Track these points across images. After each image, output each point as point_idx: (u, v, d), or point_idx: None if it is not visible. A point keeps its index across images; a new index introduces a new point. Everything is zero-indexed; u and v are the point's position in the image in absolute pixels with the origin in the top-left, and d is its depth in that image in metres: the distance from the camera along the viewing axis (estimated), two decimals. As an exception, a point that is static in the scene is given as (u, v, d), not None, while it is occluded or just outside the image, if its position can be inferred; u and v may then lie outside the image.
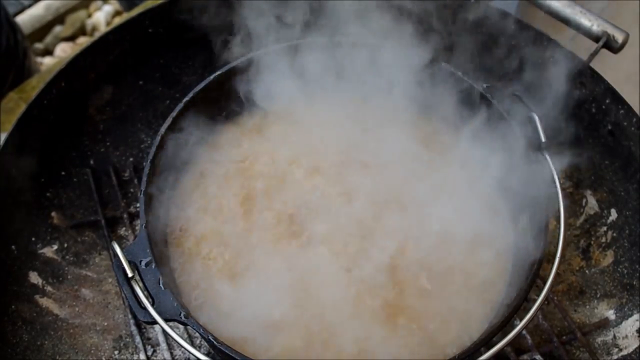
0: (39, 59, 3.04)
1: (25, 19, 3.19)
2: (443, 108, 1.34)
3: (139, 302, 1.00)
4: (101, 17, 3.37)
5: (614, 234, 1.40)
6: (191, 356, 1.29)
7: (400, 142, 1.33)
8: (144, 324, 1.34)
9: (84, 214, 1.50)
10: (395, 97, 1.37)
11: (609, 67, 1.42)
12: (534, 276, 1.07)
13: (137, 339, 1.33)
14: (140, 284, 1.02)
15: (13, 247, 1.38)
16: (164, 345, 1.32)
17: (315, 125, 1.38)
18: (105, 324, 1.37)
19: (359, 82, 1.39)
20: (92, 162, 1.57)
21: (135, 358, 1.32)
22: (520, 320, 1.02)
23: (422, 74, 1.30)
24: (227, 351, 0.97)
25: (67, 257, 1.44)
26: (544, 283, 1.05)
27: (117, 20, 3.29)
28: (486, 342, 1.02)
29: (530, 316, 1.02)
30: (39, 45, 3.22)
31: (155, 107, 1.65)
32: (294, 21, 1.36)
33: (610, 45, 1.35)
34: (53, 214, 1.47)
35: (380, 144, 1.34)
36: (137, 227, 1.50)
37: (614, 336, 1.32)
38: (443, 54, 1.30)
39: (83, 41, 3.24)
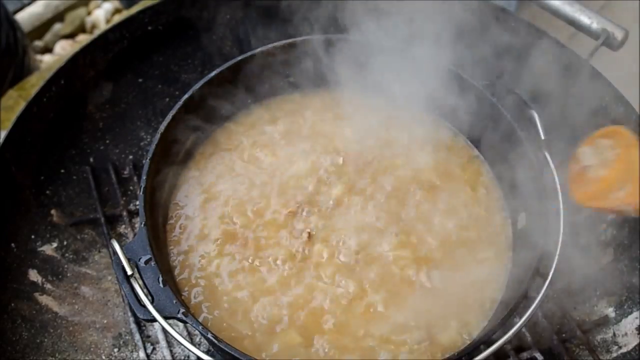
0: (38, 57, 3.03)
1: (25, 17, 3.18)
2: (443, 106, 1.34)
3: (139, 300, 1.00)
4: (101, 15, 3.36)
5: (614, 232, 1.40)
6: (191, 354, 1.29)
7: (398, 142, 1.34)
8: (143, 321, 1.34)
9: (84, 212, 1.50)
10: (392, 96, 1.38)
11: (608, 65, 1.42)
12: (533, 274, 1.07)
13: (137, 336, 1.33)
14: (140, 282, 1.02)
15: (13, 244, 1.38)
16: (163, 343, 1.32)
17: (319, 120, 1.39)
18: (105, 321, 1.37)
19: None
20: (91, 159, 1.57)
21: (134, 356, 1.32)
22: (520, 317, 1.02)
23: (422, 74, 1.30)
24: (226, 349, 0.97)
25: (67, 254, 1.44)
26: (544, 281, 1.05)
27: (117, 18, 3.28)
28: (486, 339, 1.02)
29: (530, 314, 1.02)
30: (38, 43, 3.21)
31: (154, 104, 1.65)
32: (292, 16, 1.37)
33: (610, 43, 1.35)
34: (52, 211, 1.47)
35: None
36: (136, 225, 1.50)
37: (614, 334, 1.32)
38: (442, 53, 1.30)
39: (82, 39, 3.23)
